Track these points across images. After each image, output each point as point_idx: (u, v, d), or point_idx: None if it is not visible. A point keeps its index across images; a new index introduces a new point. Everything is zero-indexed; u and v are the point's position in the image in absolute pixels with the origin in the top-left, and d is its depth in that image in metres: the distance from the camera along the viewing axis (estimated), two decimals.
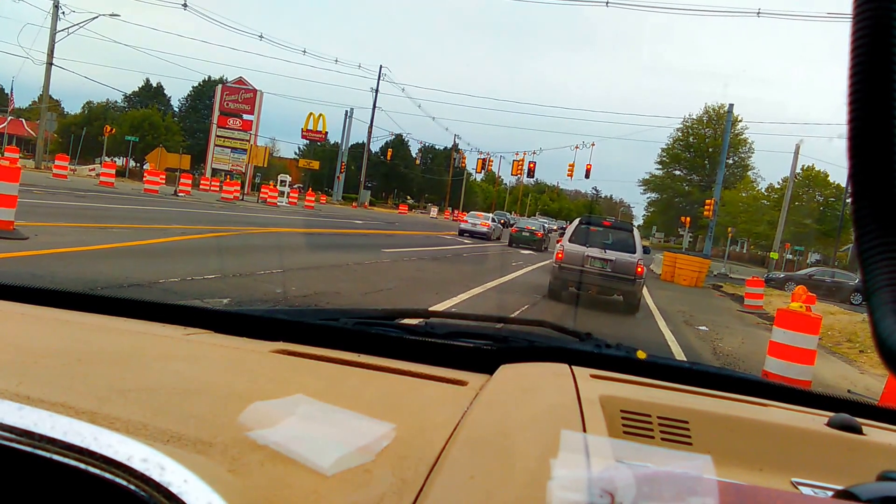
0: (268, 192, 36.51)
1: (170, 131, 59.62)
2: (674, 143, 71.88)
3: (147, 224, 14.22)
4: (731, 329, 13.67)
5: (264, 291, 8.30)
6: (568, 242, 13.16)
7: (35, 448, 0.60)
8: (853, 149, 0.43)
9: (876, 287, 0.42)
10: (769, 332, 14.40)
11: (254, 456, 0.69)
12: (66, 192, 19.64)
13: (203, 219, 18.59)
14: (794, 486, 0.88)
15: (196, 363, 1.09)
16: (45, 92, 35.80)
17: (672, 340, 10.30)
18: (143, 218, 15.65)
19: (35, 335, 1.14)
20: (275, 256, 12.33)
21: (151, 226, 13.96)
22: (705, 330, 12.65)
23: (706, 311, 16.57)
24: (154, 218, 16.10)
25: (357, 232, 24.94)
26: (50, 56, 34.54)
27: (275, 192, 36.12)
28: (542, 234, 31.39)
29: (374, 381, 1.10)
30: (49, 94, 37.15)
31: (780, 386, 1.34)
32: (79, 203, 16.62)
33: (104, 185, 26.72)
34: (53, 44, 34.43)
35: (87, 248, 9.25)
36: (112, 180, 27.73)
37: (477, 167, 64.78)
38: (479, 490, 0.66)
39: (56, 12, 34.19)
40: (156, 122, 58.67)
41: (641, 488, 0.55)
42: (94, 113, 62.04)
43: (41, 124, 35.93)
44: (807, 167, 58.54)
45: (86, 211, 14.91)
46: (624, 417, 0.98)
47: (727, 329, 13.54)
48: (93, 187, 25.21)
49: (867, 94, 0.42)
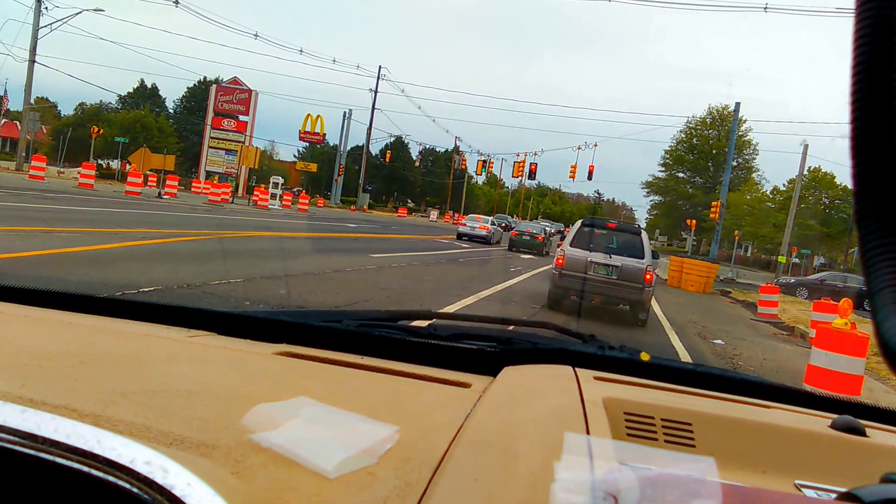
0: (258, 194, 35.41)
1: (163, 133, 58.79)
2: (677, 144, 71.41)
3: (105, 228, 12.94)
4: (748, 342, 12.45)
5: (208, 305, 7.03)
6: (569, 247, 11.87)
7: (38, 451, 0.60)
8: (856, 149, 0.43)
9: (879, 288, 0.42)
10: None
11: (257, 459, 0.70)
12: (32, 194, 18.30)
13: (176, 222, 17.36)
14: (798, 489, 0.88)
15: (199, 365, 1.09)
16: (28, 90, 34.52)
17: (687, 359, 9.06)
18: (103, 221, 14.29)
19: (38, 337, 1.14)
20: (239, 263, 11.07)
21: (108, 229, 12.66)
22: (721, 344, 11.39)
23: (718, 321, 15.37)
24: (117, 221, 14.69)
25: (347, 236, 23.73)
26: (32, 53, 33.39)
27: (265, 195, 34.97)
28: (543, 238, 30.85)
29: (378, 384, 1.10)
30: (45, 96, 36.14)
31: (783, 387, 1.34)
32: (36, 205, 15.27)
33: (83, 187, 25.45)
34: (36, 40, 33.32)
35: (9, 255, 8.00)
36: (91, 182, 26.42)
37: (477, 169, 63.66)
38: (483, 492, 0.66)
39: (38, 7, 33.07)
40: (148, 124, 57.73)
41: (645, 490, 0.55)
42: (88, 114, 61.18)
43: (23, 125, 34.64)
44: (813, 168, 57.38)
45: (39, 214, 13.59)
46: (627, 419, 0.98)
47: (744, 342, 12.33)
48: (69, 189, 23.94)
49: (870, 94, 0.42)
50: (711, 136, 69.12)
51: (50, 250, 8.98)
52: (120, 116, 59.68)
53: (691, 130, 70.49)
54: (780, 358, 11.00)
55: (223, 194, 33.11)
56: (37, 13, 33.21)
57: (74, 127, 57.75)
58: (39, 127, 48.15)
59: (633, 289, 11.36)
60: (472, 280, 14.54)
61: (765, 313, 18.09)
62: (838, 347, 5.90)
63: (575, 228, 12.51)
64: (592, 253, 11.59)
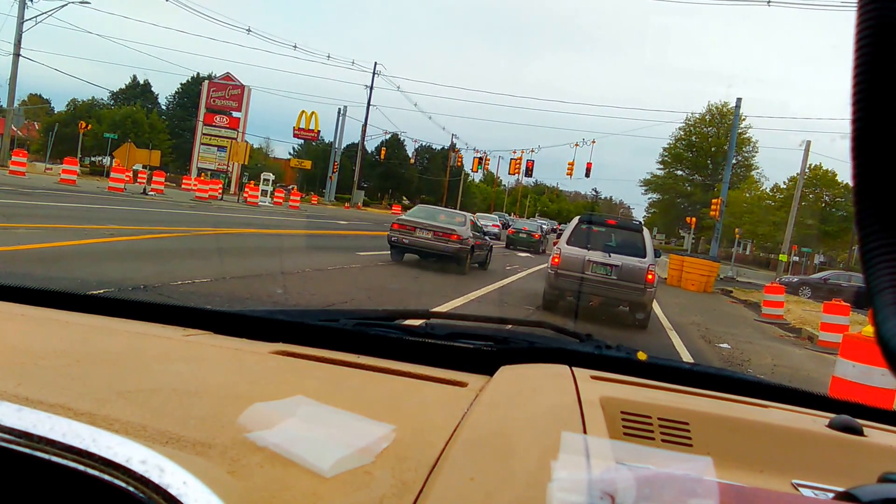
0: (248, 191, 34.66)
1: (154, 129, 57.95)
2: (676, 142, 70.94)
3: (75, 224, 12.15)
4: (754, 345, 11.80)
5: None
6: (566, 245, 11.11)
7: (34, 449, 0.60)
8: (856, 149, 0.43)
9: (879, 288, 0.42)
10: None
11: (253, 458, 0.69)
12: (6, 189, 17.52)
13: (155, 219, 16.64)
14: (795, 488, 0.88)
15: (195, 364, 1.09)
16: (13, 85, 33.63)
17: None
18: (74, 217, 13.49)
19: (34, 336, 1.14)
20: (212, 262, 10.33)
21: (76, 226, 11.88)
22: (728, 348, 10.72)
23: (722, 323, 14.73)
24: (88, 218, 13.85)
25: (336, 233, 22.99)
26: (17, 47, 32.56)
27: (255, 192, 34.20)
28: (540, 236, 30.84)
29: (374, 383, 1.10)
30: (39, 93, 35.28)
31: (781, 387, 1.34)
32: (3, 200, 14.48)
33: (64, 183, 24.65)
34: (20, 33, 32.50)
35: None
36: (74, 178, 25.65)
37: (473, 166, 62.80)
38: (479, 492, 0.66)
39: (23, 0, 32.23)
40: (139, 120, 56.89)
41: (642, 490, 0.55)
42: (80, 111, 60.40)
43: (7, 119, 33.72)
44: (814, 166, 56.72)
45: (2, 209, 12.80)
46: (624, 419, 0.98)
47: (750, 345, 11.69)
48: (49, 185, 23.13)
49: (871, 95, 0.42)
50: (710, 134, 68.77)
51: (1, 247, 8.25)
52: (110, 112, 58.84)
53: (690, 128, 70.04)
54: (792, 364, 10.34)
55: (211, 191, 32.39)
56: (21, 5, 32.42)
57: (66, 123, 56.91)
58: (24, 122, 47.14)
59: (633, 290, 10.62)
60: (463, 279, 13.81)
61: (769, 314, 17.49)
62: (871, 359, 5.17)
63: (572, 225, 11.73)
64: (590, 251, 10.84)
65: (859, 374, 5.28)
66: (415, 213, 16.24)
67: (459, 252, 14.57)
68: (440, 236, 14.47)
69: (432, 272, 13.98)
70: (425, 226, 14.58)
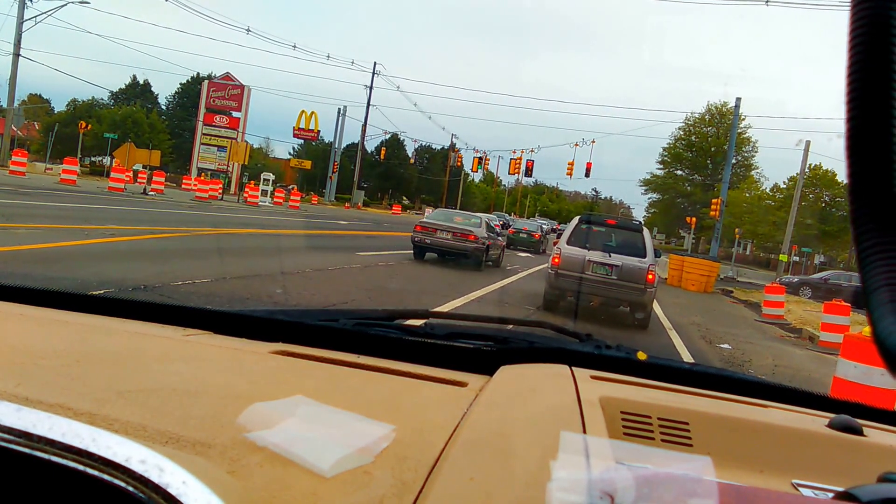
0: (248, 191, 34.62)
1: (154, 129, 57.89)
2: (675, 142, 70.93)
3: (75, 224, 12.14)
4: (755, 346, 11.79)
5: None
6: (566, 245, 11.10)
7: (33, 449, 0.59)
8: (851, 148, 0.43)
9: (875, 287, 0.42)
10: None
11: (253, 457, 0.69)
12: (6, 189, 17.51)
13: (154, 218, 16.64)
14: (795, 488, 0.88)
15: (195, 364, 1.08)
16: (13, 84, 33.46)
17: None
18: (74, 218, 13.47)
19: (34, 336, 1.13)
20: (212, 262, 10.32)
21: (76, 226, 11.86)
22: (728, 349, 10.71)
23: (723, 323, 14.71)
24: (88, 218, 13.82)
25: (336, 233, 22.97)
26: (17, 46, 32.54)
27: (255, 192, 34.16)
28: (540, 236, 30.80)
29: (374, 383, 1.10)
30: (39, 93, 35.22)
31: (781, 386, 1.33)
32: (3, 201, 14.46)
33: (64, 183, 24.66)
34: (20, 33, 32.46)
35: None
36: (74, 178, 25.69)
37: (473, 166, 62.75)
38: (479, 492, 0.66)
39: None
40: (139, 120, 56.83)
41: (641, 490, 0.55)
42: (80, 111, 60.34)
43: (7, 119, 33.68)
44: (814, 166, 56.66)
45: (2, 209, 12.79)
46: (624, 418, 0.97)
47: (750, 345, 11.68)
48: (50, 185, 23.13)
49: (866, 94, 0.42)
50: (710, 134, 68.73)
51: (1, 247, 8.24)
52: (110, 112, 58.79)
53: (690, 128, 70.03)
54: (793, 364, 10.33)
55: (211, 191, 32.38)
56: (21, 5, 32.40)
57: (66, 123, 56.86)
58: (24, 122, 47.09)
59: (633, 290, 10.61)
60: (462, 279, 13.78)
61: (770, 314, 17.50)
62: (872, 359, 5.16)
63: (572, 225, 11.71)
64: (590, 251, 10.83)
65: (861, 375, 5.27)
66: (435, 216, 17.70)
67: (476, 251, 15.83)
68: (459, 237, 15.77)
69: (432, 272, 13.97)
70: (445, 227, 15.92)
